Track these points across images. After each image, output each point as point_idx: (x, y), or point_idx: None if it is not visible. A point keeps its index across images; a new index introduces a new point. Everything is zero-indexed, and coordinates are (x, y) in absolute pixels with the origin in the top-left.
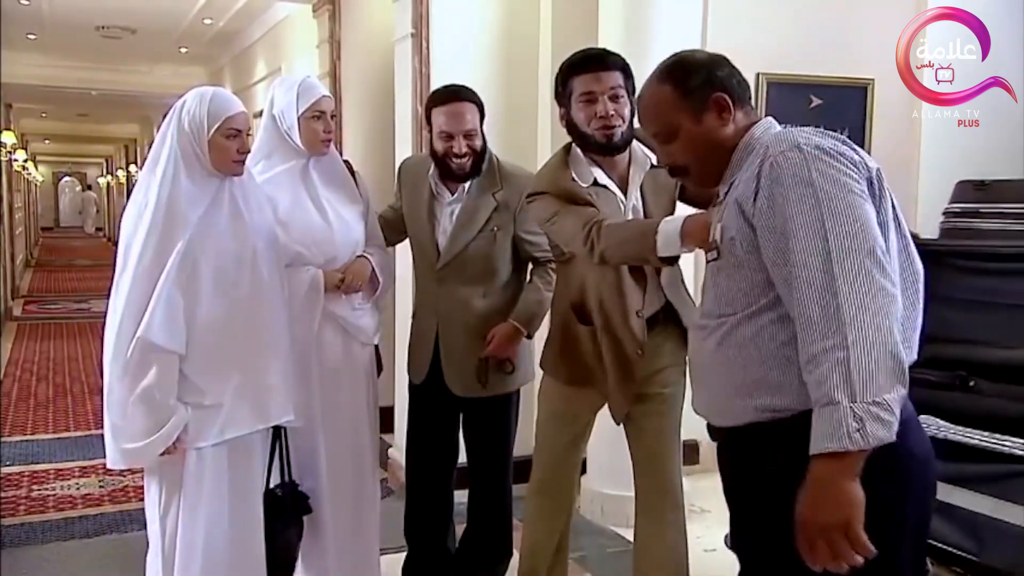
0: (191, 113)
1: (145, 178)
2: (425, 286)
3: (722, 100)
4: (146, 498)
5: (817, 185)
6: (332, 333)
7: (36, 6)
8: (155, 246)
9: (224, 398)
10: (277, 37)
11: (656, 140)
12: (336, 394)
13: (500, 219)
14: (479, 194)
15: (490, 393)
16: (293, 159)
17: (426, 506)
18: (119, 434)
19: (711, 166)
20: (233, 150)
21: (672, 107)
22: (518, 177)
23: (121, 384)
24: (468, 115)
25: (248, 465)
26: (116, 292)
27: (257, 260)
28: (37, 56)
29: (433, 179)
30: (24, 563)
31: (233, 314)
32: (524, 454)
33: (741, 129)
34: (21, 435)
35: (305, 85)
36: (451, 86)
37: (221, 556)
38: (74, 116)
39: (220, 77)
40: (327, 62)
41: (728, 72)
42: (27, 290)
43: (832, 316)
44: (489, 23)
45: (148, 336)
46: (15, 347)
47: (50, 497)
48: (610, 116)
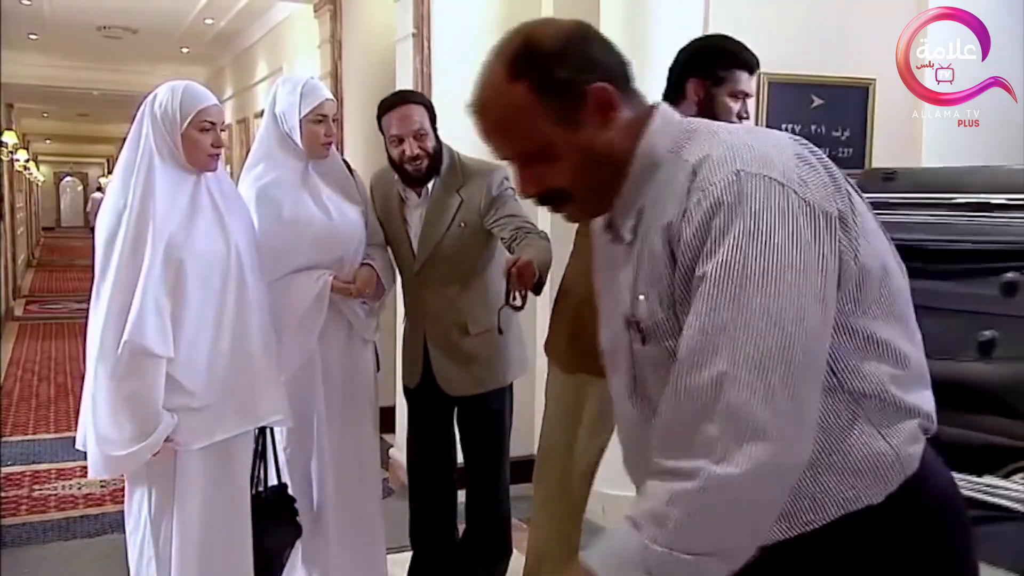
0: (163, 106)
1: (121, 176)
2: (409, 291)
3: (603, 93)
4: (128, 505)
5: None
6: (335, 329)
7: (37, 6)
8: (135, 247)
9: (212, 399)
10: (278, 37)
11: (516, 163)
12: (338, 390)
13: (465, 215)
14: (443, 193)
15: (483, 390)
16: (293, 160)
17: (430, 508)
18: (105, 442)
19: (600, 187)
20: (207, 144)
21: (533, 114)
22: (480, 171)
23: (108, 390)
24: (415, 116)
25: (235, 466)
26: (97, 296)
27: (241, 258)
28: (39, 56)
29: (399, 186)
30: (26, 563)
31: (220, 315)
32: (523, 454)
33: (633, 129)
34: (23, 435)
35: (309, 87)
36: (398, 91)
37: (215, 558)
38: (75, 116)
39: (221, 77)
40: (328, 62)
41: (603, 49)
42: (28, 290)
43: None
44: (490, 23)
45: (136, 340)
46: (16, 347)
47: (52, 497)
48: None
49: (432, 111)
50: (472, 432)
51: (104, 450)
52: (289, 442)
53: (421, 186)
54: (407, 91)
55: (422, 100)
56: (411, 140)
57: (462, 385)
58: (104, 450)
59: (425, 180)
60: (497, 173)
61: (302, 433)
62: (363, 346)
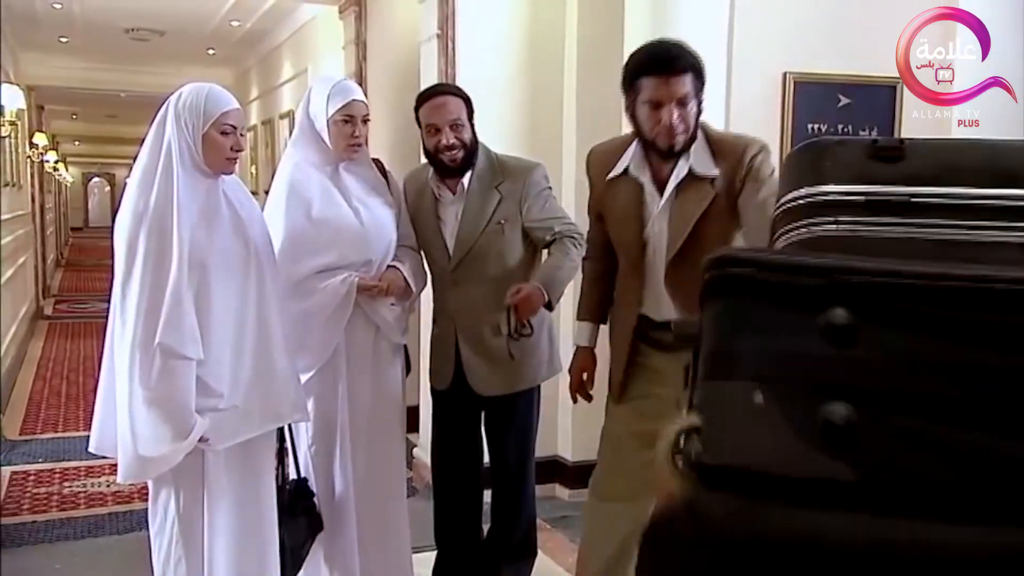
0: (188, 107)
1: (141, 177)
2: (441, 291)
3: None
4: (152, 507)
5: None
6: (363, 330)
7: (67, 9)
8: (160, 250)
9: (237, 400)
10: (303, 38)
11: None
12: (366, 392)
13: (506, 211)
14: (481, 189)
15: (514, 390)
16: (324, 160)
17: (455, 509)
18: (139, 445)
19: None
20: (227, 147)
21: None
22: (519, 167)
23: (141, 393)
24: (451, 106)
25: (260, 464)
26: (123, 299)
27: (260, 258)
28: (68, 59)
29: (433, 183)
30: (57, 559)
31: (242, 315)
32: (546, 455)
33: None
34: (53, 432)
35: (338, 87)
36: (436, 84)
37: (245, 556)
38: (103, 117)
39: (247, 78)
40: (353, 63)
41: None
42: (58, 289)
43: None
44: (514, 24)
45: (168, 343)
46: (46, 345)
47: (81, 494)
48: (675, 126)
49: (470, 105)
50: (500, 433)
51: (139, 453)
52: (315, 440)
53: (456, 181)
54: (442, 84)
55: (460, 93)
56: (447, 130)
57: (494, 385)
58: (139, 453)
59: (460, 173)
60: (538, 170)
61: (327, 432)
62: (391, 348)
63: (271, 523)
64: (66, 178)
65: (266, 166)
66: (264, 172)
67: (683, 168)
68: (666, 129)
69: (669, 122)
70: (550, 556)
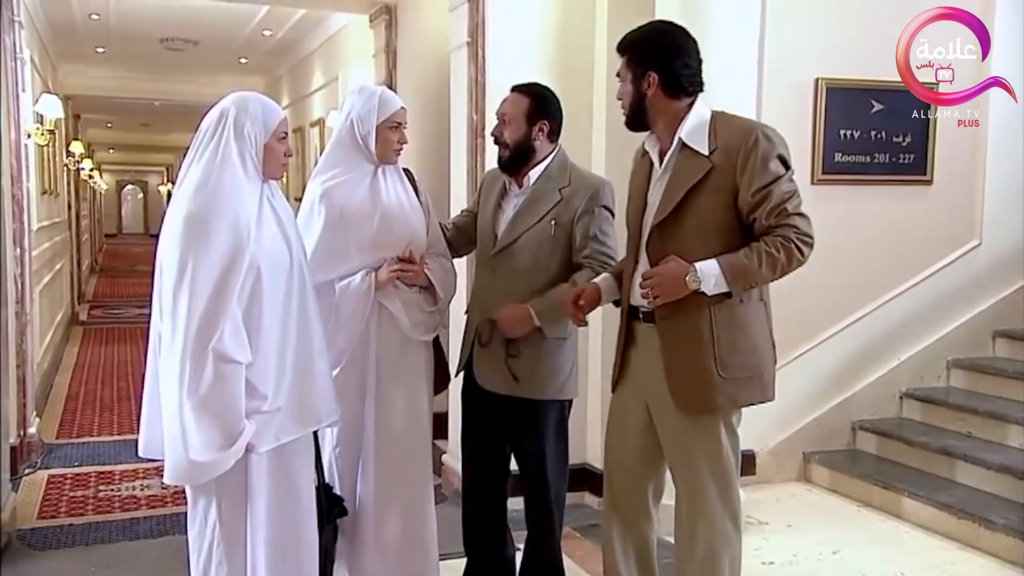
0: (254, 118)
1: (197, 186)
2: (480, 277)
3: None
4: (192, 510)
5: None
6: (390, 330)
7: (104, 21)
8: (219, 256)
9: (280, 402)
10: (334, 47)
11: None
12: (391, 393)
13: (560, 213)
14: (544, 187)
15: (515, 394)
16: (365, 164)
17: (479, 513)
18: (190, 449)
19: None
20: (282, 153)
21: None
22: (586, 179)
23: (193, 397)
24: (507, 101)
25: (298, 468)
26: (175, 304)
27: (301, 262)
28: (104, 68)
29: (506, 177)
30: (94, 561)
31: (286, 318)
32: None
33: None
34: (88, 436)
35: (386, 95)
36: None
37: (287, 560)
38: (137, 126)
39: (278, 87)
40: (383, 71)
41: None
42: (92, 295)
43: None
44: (544, 31)
45: (220, 347)
46: (81, 351)
47: (116, 498)
48: (620, 100)
49: (535, 104)
50: (515, 439)
51: (190, 458)
52: (339, 441)
53: (522, 176)
54: (530, 83)
55: (527, 91)
56: (499, 123)
57: (494, 380)
58: (190, 458)
59: (510, 170)
60: (605, 188)
61: (353, 434)
62: (419, 346)
63: (311, 528)
64: (100, 185)
65: (296, 173)
66: (295, 179)
67: (677, 142)
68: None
69: (619, 96)
70: (579, 564)
